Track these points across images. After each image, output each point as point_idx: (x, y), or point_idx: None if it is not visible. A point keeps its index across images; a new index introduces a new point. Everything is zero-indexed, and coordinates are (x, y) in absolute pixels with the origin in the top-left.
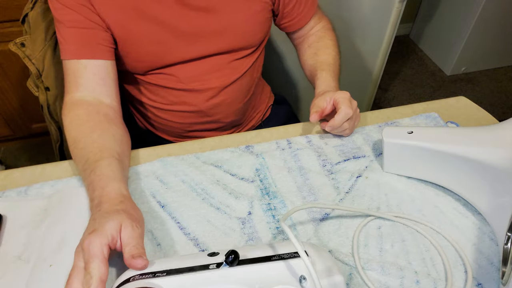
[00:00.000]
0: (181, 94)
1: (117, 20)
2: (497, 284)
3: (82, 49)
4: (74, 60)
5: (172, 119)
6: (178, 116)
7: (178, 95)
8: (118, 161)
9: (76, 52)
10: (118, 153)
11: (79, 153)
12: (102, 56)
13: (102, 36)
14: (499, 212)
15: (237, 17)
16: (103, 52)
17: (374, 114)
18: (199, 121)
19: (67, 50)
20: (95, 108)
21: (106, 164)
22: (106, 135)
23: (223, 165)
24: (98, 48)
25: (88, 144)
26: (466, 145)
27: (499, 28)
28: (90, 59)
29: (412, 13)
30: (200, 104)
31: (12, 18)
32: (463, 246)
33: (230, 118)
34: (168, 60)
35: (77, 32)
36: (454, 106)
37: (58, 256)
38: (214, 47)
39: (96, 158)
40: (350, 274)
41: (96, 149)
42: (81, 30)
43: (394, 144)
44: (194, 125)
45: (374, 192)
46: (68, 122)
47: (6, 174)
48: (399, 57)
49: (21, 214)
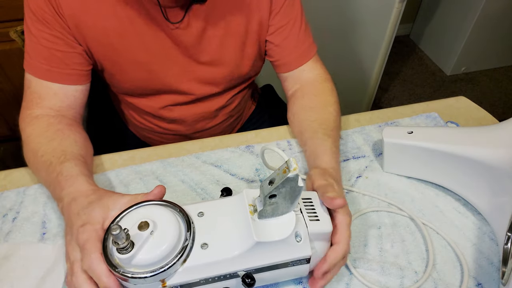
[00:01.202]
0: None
1: (112, 64)
2: (497, 284)
3: (48, 72)
4: (37, 78)
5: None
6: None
7: (157, 122)
8: (82, 163)
9: (42, 73)
10: (82, 156)
11: (40, 161)
12: (70, 82)
13: (74, 60)
14: (499, 212)
15: (238, 64)
16: (72, 77)
17: (374, 114)
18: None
19: (32, 65)
20: (56, 119)
21: (72, 165)
22: (67, 140)
23: (223, 165)
24: (66, 72)
25: (49, 151)
26: (466, 145)
27: (499, 28)
28: (56, 83)
29: (412, 13)
30: (183, 131)
31: (12, 18)
32: (463, 246)
33: (216, 131)
34: (157, 90)
35: (46, 52)
36: (454, 106)
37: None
38: (208, 91)
39: (60, 160)
40: (350, 274)
41: (59, 153)
42: (51, 51)
43: (394, 144)
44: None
45: (374, 192)
46: (26, 135)
47: (6, 174)
48: (399, 57)
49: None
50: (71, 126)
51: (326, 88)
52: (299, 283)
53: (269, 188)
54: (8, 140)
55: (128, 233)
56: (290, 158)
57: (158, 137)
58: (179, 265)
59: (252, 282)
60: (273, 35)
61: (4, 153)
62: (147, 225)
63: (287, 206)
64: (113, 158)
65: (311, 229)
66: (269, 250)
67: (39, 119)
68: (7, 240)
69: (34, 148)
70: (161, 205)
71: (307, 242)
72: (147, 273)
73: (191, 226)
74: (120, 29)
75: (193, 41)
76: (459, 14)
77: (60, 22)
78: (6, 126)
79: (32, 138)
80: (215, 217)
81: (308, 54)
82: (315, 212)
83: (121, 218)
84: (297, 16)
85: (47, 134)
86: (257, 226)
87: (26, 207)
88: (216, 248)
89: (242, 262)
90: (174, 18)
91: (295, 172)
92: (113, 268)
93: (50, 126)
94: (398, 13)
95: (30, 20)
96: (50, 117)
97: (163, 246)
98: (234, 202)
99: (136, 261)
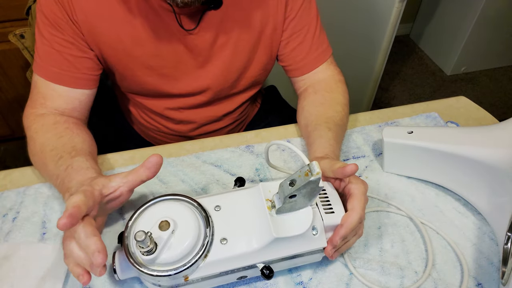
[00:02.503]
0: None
1: (124, 68)
2: (497, 284)
3: (58, 75)
4: (44, 80)
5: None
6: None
7: (164, 122)
8: (92, 159)
9: (52, 76)
10: (91, 153)
11: (49, 154)
12: (78, 86)
13: (85, 64)
14: (499, 212)
15: (248, 69)
16: (81, 82)
17: (374, 114)
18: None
19: (42, 68)
20: (62, 118)
21: (83, 159)
22: (77, 138)
23: (223, 164)
24: (76, 76)
25: (59, 146)
26: (466, 145)
27: (499, 28)
28: (63, 86)
29: (412, 13)
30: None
31: (12, 18)
32: (463, 246)
33: (221, 133)
34: (167, 93)
35: (57, 55)
36: (454, 106)
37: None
38: (217, 96)
39: (71, 155)
40: (350, 274)
41: (69, 149)
42: (62, 55)
43: (394, 144)
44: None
45: (374, 192)
46: (33, 131)
47: (6, 174)
48: (399, 57)
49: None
50: (78, 125)
51: (339, 88)
52: (299, 283)
53: (290, 189)
54: (8, 140)
55: (151, 236)
56: (314, 162)
57: (163, 137)
58: (201, 261)
59: (271, 274)
60: (287, 40)
61: (4, 153)
62: (168, 224)
63: (305, 203)
64: (114, 158)
65: (327, 221)
66: (287, 244)
67: (45, 117)
68: (7, 240)
69: (43, 142)
70: (178, 200)
71: (323, 234)
72: (171, 271)
73: (210, 222)
74: (133, 35)
75: (206, 47)
76: (459, 14)
77: (73, 27)
78: (6, 126)
79: (40, 134)
80: (232, 211)
81: (322, 58)
82: (329, 205)
83: (139, 214)
84: (312, 21)
85: (56, 131)
86: (275, 222)
87: (26, 207)
88: (235, 243)
89: (261, 255)
90: (188, 25)
91: (318, 176)
92: (137, 267)
93: (57, 124)
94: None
95: (43, 24)
96: (56, 116)
97: (185, 244)
98: (251, 196)
99: (160, 260)
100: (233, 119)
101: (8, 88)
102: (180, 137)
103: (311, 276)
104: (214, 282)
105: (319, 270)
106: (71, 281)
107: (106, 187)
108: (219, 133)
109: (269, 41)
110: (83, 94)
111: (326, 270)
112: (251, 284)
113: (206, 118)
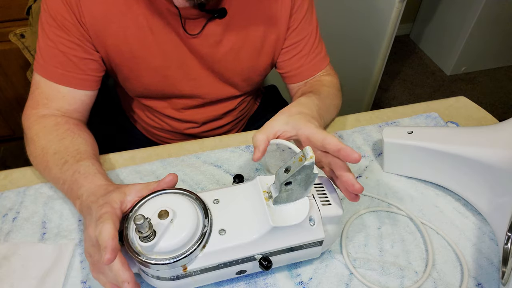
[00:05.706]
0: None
1: (129, 70)
2: (497, 284)
3: (62, 76)
4: (47, 80)
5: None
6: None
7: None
8: (97, 162)
9: (56, 76)
10: (95, 155)
11: (52, 158)
12: (81, 87)
13: (89, 66)
14: (499, 212)
15: (250, 73)
16: (84, 83)
17: (374, 114)
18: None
19: (45, 68)
20: (63, 119)
21: (89, 163)
22: (78, 139)
23: (223, 164)
24: (79, 77)
25: (62, 149)
26: (466, 145)
27: (499, 28)
28: (67, 87)
29: (412, 13)
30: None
31: (12, 18)
32: (463, 246)
33: (223, 130)
34: (170, 94)
35: (62, 56)
36: (454, 106)
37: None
38: (220, 96)
39: (76, 159)
40: (350, 274)
41: (73, 152)
42: (67, 56)
43: (394, 144)
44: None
45: (374, 192)
46: (34, 133)
47: (6, 174)
48: (399, 57)
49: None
50: (79, 126)
51: (334, 89)
52: (299, 283)
53: (285, 176)
54: (8, 140)
55: (150, 222)
56: (307, 146)
57: (166, 134)
58: (199, 251)
59: (269, 265)
60: (287, 49)
61: (4, 153)
62: (167, 213)
63: (301, 192)
64: (114, 158)
65: (324, 213)
66: (285, 234)
67: (46, 118)
68: (7, 240)
69: (44, 145)
70: (178, 193)
71: (320, 225)
72: (169, 260)
73: (208, 213)
74: (140, 37)
75: (209, 51)
76: (459, 14)
77: (81, 30)
78: (6, 126)
79: (41, 136)
80: (231, 204)
81: (318, 67)
82: (326, 197)
83: (140, 206)
84: (313, 31)
85: (57, 132)
86: (272, 212)
87: (26, 207)
88: (233, 234)
89: (259, 246)
90: (192, 30)
91: (311, 160)
92: (135, 255)
93: (58, 125)
94: (398, 13)
95: (48, 25)
96: (57, 117)
97: (183, 233)
98: (248, 189)
99: (158, 248)
100: (234, 116)
101: (8, 88)
102: (183, 135)
103: (311, 276)
104: (213, 276)
105: (319, 270)
106: (71, 281)
107: (124, 203)
108: (223, 130)
109: (271, 50)
110: (86, 95)
111: (326, 270)
112: (251, 281)
113: (208, 117)
